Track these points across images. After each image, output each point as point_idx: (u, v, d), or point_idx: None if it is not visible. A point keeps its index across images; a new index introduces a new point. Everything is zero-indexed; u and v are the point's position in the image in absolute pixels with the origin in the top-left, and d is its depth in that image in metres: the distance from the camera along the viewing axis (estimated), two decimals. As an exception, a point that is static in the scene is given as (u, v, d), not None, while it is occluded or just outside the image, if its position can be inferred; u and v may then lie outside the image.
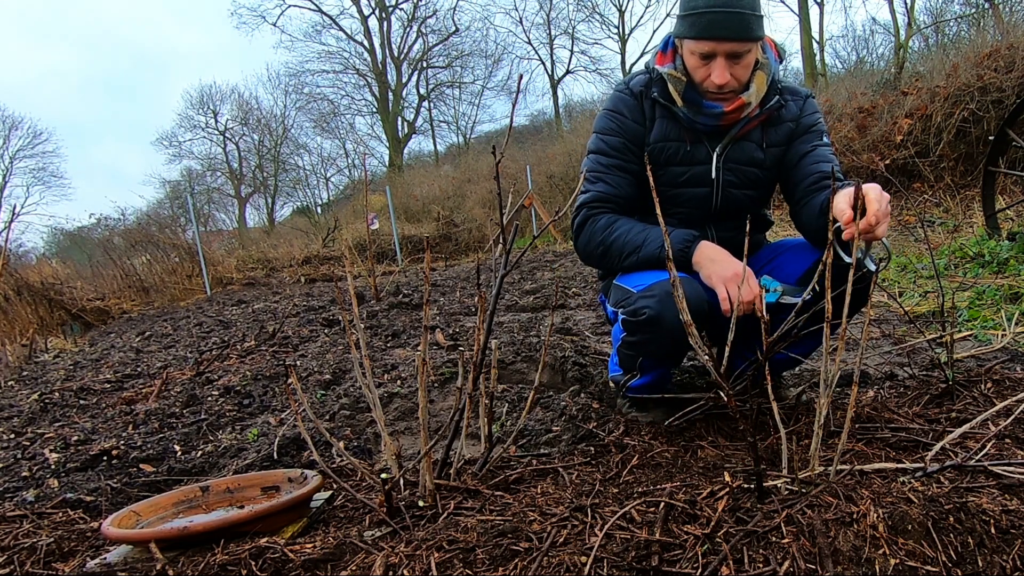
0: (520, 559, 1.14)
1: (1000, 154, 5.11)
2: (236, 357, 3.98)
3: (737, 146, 1.92)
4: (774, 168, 1.97)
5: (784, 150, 1.96)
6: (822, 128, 1.96)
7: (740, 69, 1.78)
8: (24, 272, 10.01)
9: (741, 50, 1.75)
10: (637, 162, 1.94)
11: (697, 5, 1.73)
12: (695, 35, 1.75)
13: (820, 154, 1.90)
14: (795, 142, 1.95)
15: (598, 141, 1.97)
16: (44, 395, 3.44)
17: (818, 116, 1.97)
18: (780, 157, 1.96)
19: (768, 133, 1.94)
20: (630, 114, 1.94)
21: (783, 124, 1.94)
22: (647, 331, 1.72)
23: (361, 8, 29.30)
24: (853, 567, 1.03)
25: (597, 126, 2.00)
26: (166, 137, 35.55)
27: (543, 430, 2.01)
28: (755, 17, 1.73)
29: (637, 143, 1.93)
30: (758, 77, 1.84)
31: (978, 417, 1.58)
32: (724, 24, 1.71)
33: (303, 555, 1.24)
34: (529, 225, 12.93)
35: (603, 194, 1.92)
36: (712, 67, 1.77)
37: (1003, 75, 7.74)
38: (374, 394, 1.54)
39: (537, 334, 3.44)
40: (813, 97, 2.01)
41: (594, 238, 1.91)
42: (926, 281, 4.25)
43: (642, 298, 1.72)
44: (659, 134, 1.93)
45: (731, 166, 1.93)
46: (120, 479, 2.01)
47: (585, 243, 1.95)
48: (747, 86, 1.83)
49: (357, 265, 10.93)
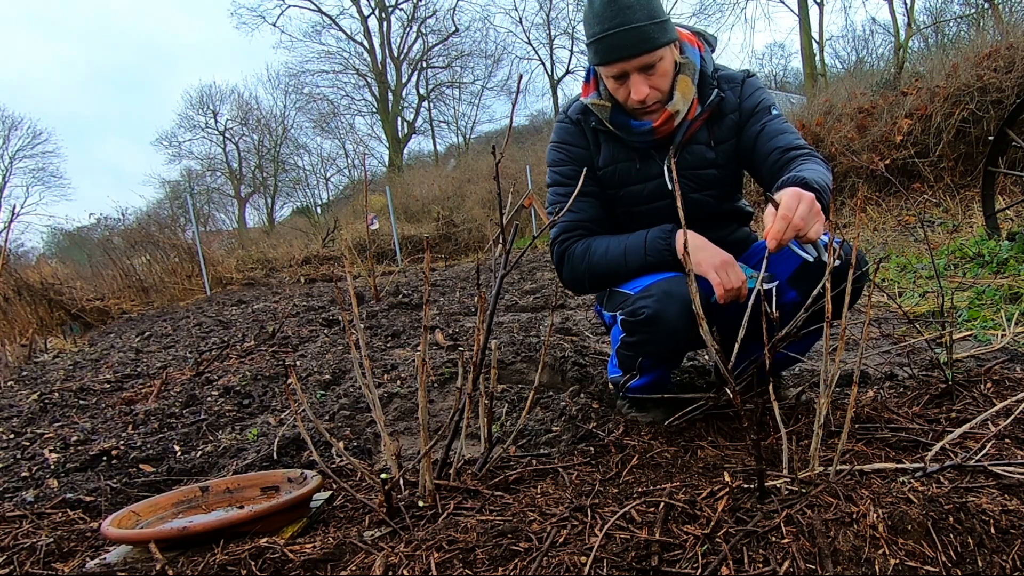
0: (520, 559, 1.14)
1: (1000, 154, 5.11)
2: (236, 357, 3.98)
3: (686, 151, 1.91)
4: (730, 163, 1.95)
5: (735, 143, 1.93)
6: (768, 102, 1.90)
7: (658, 79, 1.76)
8: (24, 272, 9.99)
9: (651, 61, 1.72)
10: (594, 183, 1.94)
11: (595, 32, 1.72)
12: (600, 61, 1.75)
13: (773, 128, 1.84)
14: (744, 129, 1.90)
15: (553, 174, 1.99)
16: (44, 395, 3.44)
17: (759, 95, 1.91)
18: (732, 151, 1.93)
19: (714, 130, 1.91)
20: (575, 141, 1.95)
21: (726, 117, 1.91)
22: (646, 330, 1.72)
23: (361, 8, 29.34)
24: (853, 567, 1.03)
25: (549, 159, 2.01)
26: (166, 137, 35.67)
27: (543, 430, 2.01)
28: (654, 26, 1.70)
29: (588, 165, 1.93)
30: (681, 82, 1.81)
31: (978, 417, 1.58)
32: (624, 44, 1.69)
33: (303, 555, 1.24)
34: (529, 225, 12.93)
35: (571, 223, 1.93)
36: (628, 85, 1.76)
37: (1003, 75, 7.74)
38: (374, 394, 1.54)
39: (537, 334, 3.44)
40: (752, 76, 1.95)
41: (576, 268, 1.91)
42: (926, 281, 4.25)
43: (640, 298, 1.72)
44: (607, 158, 1.93)
45: (685, 172, 1.92)
46: (120, 479, 2.01)
47: (570, 276, 1.95)
48: (671, 95, 1.81)
49: (357, 265, 10.93)
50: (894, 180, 8.06)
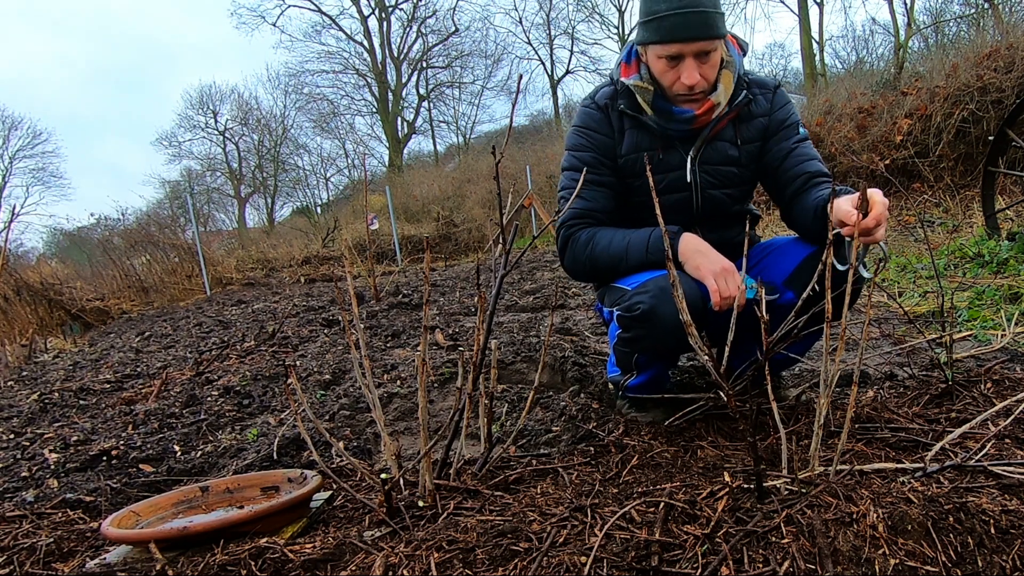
0: (520, 559, 1.14)
1: (1000, 154, 5.11)
2: (236, 357, 3.98)
3: (711, 147, 1.92)
4: (751, 164, 1.97)
5: (759, 146, 1.95)
6: (796, 119, 1.95)
7: (708, 68, 1.78)
8: (24, 272, 10.00)
9: (708, 48, 1.75)
10: (611, 174, 1.94)
11: (659, 9, 1.72)
12: (660, 39, 1.75)
13: (803, 152, 1.90)
14: (772, 139, 1.94)
15: (571, 158, 1.97)
16: (44, 395, 3.44)
17: (790, 108, 1.96)
18: (756, 153, 1.96)
19: (740, 129, 1.93)
20: (599, 128, 1.94)
21: (755, 119, 1.94)
22: (642, 326, 1.73)
23: (361, 8, 29.34)
24: (853, 567, 1.03)
25: (568, 143, 2.00)
26: (166, 137, 35.67)
27: (543, 430, 2.01)
28: (718, 15, 1.73)
29: (609, 156, 1.94)
30: (724, 76, 1.84)
31: (978, 417, 1.58)
32: (688, 24, 1.71)
33: (303, 555, 1.24)
34: (529, 225, 12.93)
35: (580, 210, 1.92)
36: (680, 69, 1.77)
37: (1003, 75, 7.74)
38: (374, 394, 1.54)
39: (537, 334, 3.44)
40: (781, 87, 2.00)
41: (578, 256, 1.91)
42: (926, 281, 4.25)
43: (637, 294, 1.73)
44: (630, 145, 1.93)
45: (707, 167, 1.93)
46: (120, 479, 2.01)
47: (571, 263, 1.95)
48: (715, 86, 1.83)
49: (357, 265, 10.93)
50: (894, 180, 8.05)
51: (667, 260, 1.32)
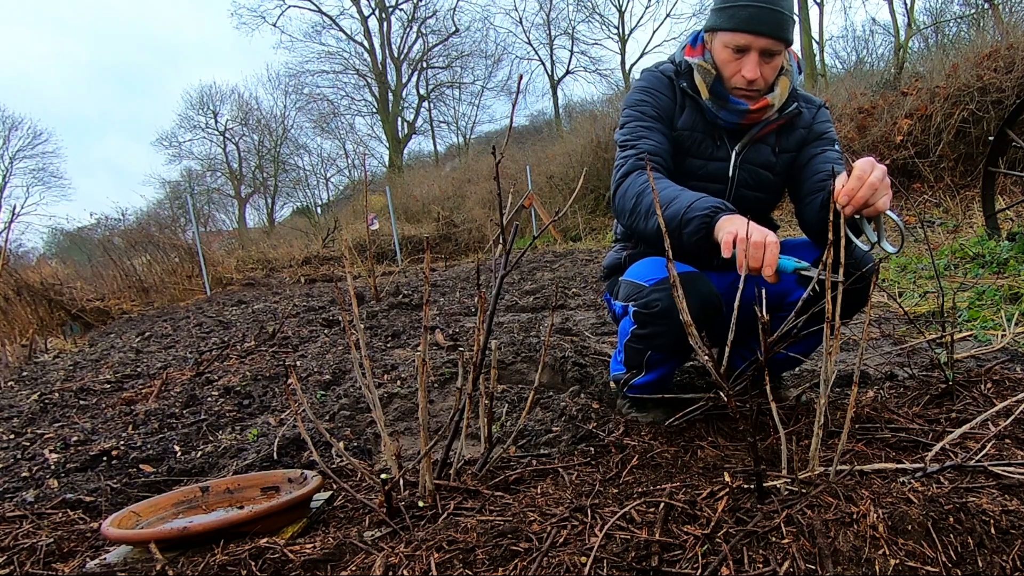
0: (520, 559, 1.14)
1: (1000, 154, 5.11)
2: (236, 357, 3.98)
3: (754, 147, 1.95)
4: (784, 173, 2.00)
5: (794, 156, 1.98)
6: (833, 136, 1.99)
7: (769, 69, 1.81)
8: (24, 272, 10.00)
9: (774, 49, 1.78)
10: (670, 134, 1.94)
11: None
12: (733, 27, 1.77)
13: (827, 157, 1.92)
14: (805, 147, 1.97)
15: (633, 111, 1.95)
16: (44, 395, 3.44)
17: (829, 125, 2.00)
18: (790, 163, 1.99)
19: (782, 139, 1.97)
20: (664, 91, 1.96)
21: (796, 131, 1.98)
22: (659, 323, 1.73)
23: (361, 8, 29.35)
24: (853, 567, 1.03)
25: (630, 100, 1.98)
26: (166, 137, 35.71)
27: (543, 430, 2.01)
28: (791, 20, 1.77)
29: (669, 118, 1.94)
30: (782, 82, 1.87)
31: (978, 417, 1.58)
32: (763, 19, 1.74)
33: (303, 555, 1.24)
34: (529, 225, 12.93)
35: (650, 150, 1.87)
36: (744, 62, 1.79)
37: (1003, 75, 7.74)
38: (374, 394, 1.54)
39: (537, 334, 3.44)
40: (827, 107, 2.04)
41: (632, 187, 1.82)
42: (926, 281, 4.25)
43: (655, 291, 1.73)
44: (687, 122, 1.94)
45: (746, 166, 1.95)
46: (120, 479, 2.01)
47: (624, 191, 1.85)
48: (772, 88, 1.86)
49: (357, 265, 10.93)
50: (894, 180, 8.05)
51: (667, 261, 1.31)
